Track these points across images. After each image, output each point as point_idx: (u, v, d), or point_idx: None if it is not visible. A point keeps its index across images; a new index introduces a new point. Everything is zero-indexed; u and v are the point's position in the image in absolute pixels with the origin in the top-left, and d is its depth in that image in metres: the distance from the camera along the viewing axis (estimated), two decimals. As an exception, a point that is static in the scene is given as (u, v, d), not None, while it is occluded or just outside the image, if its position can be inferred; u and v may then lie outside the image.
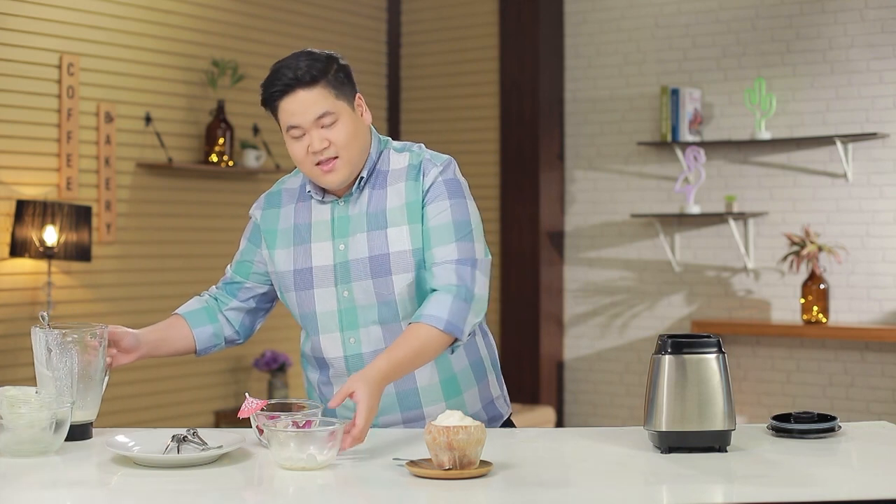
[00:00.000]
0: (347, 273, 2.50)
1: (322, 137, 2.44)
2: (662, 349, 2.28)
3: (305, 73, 2.44)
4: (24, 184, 4.91)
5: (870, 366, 5.45)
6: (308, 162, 2.47)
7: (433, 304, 2.40)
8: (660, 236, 5.95)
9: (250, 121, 5.91)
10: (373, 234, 2.49)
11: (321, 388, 2.62)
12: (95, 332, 2.39)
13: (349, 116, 2.47)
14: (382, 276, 2.48)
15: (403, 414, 2.54)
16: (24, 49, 4.90)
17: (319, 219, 2.55)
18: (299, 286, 2.54)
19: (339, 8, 6.46)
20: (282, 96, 2.46)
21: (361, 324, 2.51)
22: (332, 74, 2.46)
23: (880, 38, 5.40)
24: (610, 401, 6.14)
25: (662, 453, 2.25)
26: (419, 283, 2.49)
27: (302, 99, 2.44)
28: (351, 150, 2.46)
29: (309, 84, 2.44)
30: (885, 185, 5.41)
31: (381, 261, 2.48)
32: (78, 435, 2.36)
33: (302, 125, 2.45)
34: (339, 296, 2.51)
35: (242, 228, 2.77)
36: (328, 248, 2.52)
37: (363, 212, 2.51)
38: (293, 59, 2.48)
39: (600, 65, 6.18)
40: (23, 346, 4.75)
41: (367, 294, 2.49)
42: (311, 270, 2.53)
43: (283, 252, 2.57)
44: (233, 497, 2.02)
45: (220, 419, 5.67)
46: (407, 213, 2.49)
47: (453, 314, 2.39)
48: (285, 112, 2.46)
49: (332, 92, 2.45)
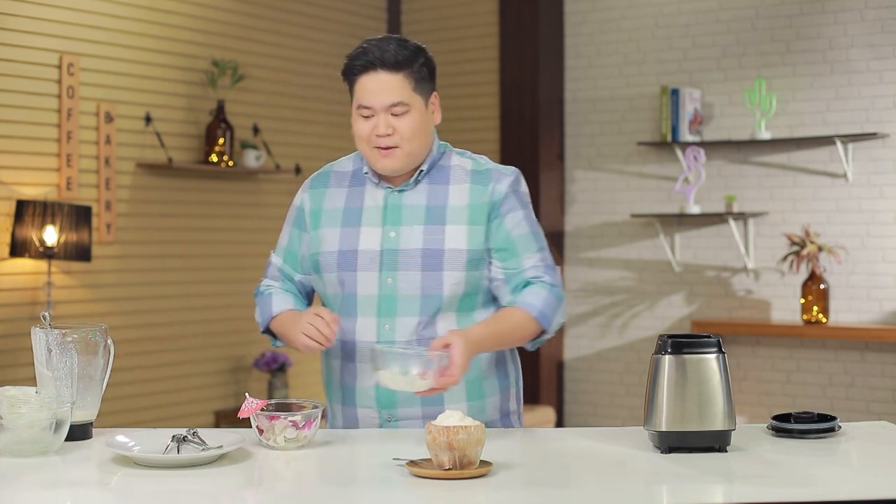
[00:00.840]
0: (395, 261, 2.52)
1: (388, 124, 2.48)
2: (662, 349, 2.28)
3: (392, 57, 2.46)
4: (24, 184, 4.91)
5: (870, 366, 5.45)
6: (369, 143, 2.50)
7: (529, 294, 2.51)
8: (660, 236, 5.95)
9: (250, 121, 5.91)
10: (430, 227, 2.52)
11: (343, 376, 2.59)
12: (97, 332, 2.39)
13: (420, 111, 2.51)
14: (433, 270, 2.51)
15: (424, 409, 2.53)
16: (24, 49, 4.90)
17: (371, 204, 2.57)
18: (342, 266, 2.55)
19: (339, 8, 6.46)
20: (363, 72, 2.48)
21: (399, 313, 2.52)
22: (417, 67, 2.50)
23: (880, 38, 5.40)
24: (610, 401, 6.14)
25: (662, 453, 2.25)
26: (467, 283, 2.52)
27: (381, 81, 2.47)
28: (413, 143, 2.50)
29: (392, 69, 2.47)
30: (885, 185, 5.41)
31: (433, 255, 2.51)
32: (78, 435, 2.36)
33: (373, 107, 2.48)
34: (382, 282, 2.52)
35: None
36: (377, 233, 2.54)
37: (420, 204, 2.54)
38: (384, 41, 2.50)
39: (600, 65, 6.18)
40: (23, 346, 4.75)
41: (412, 285, 2.51)
42: (356, 253, 2.54)
43: (330, 232, 2.58)
44: (233, 497, 2.02)
45: (220, 419, 5.67)
46: (468, 215, 2.53)
47: (547, 306, 2.51)
48: (361, 89, 2.49)
49: (411, 83, 2.49)
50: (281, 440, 2.29)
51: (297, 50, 6.19)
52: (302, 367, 6.15)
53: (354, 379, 2.56)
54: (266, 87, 6.01)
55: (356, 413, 2.56)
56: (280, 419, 2.28)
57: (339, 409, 2.61)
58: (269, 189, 6.03)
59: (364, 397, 2.54)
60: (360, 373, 2.55)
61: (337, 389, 2.61)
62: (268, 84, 6.02)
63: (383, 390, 2.50)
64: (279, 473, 2.15)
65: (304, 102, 6.24)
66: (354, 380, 2.56)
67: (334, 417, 2.66)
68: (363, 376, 2.54)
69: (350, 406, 2.58)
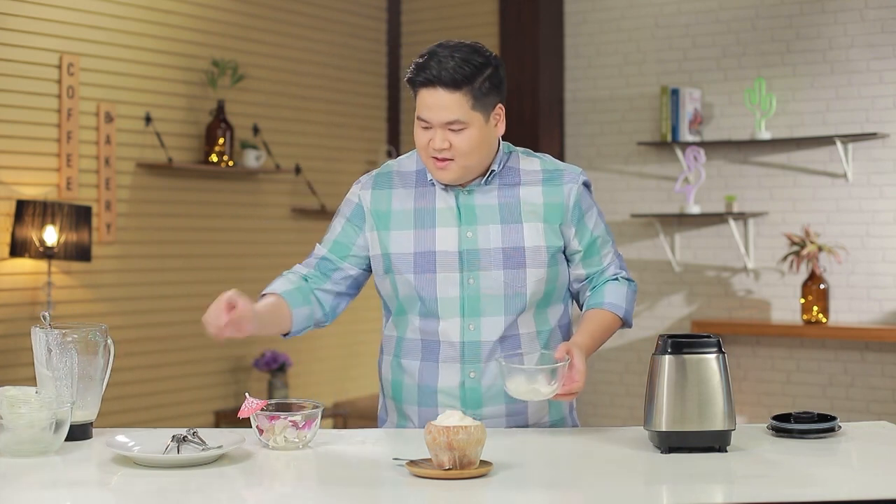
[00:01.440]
0: (476, 261, 2.52)
1: (445, 139, 2.46)
2: (662, 349, 2.28)
3: (451, 74, 2.43)
4: (24, 184, 4.91)
5: (870, 366, 5.45)
6: (426, 152, 2.50)
7: (613, 294, 2.60)
8: (660, 236, 5.95)
9: (250, 121, 5.91)
10: (508, 226, 2.53)
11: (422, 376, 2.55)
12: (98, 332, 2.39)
13: (479, 127, 2.48)
14: (515, 267, 2.52)
15: (507, 406, 2.54)
16: (24, 49, 4.90)
17: (444, 205, 2.55)
18: (419, 269, 2.53)
19: (339, 8, 6.46)
20: (423, 86, 2.46)
21: (484, 312, 2.52)
22: (479, 83, 2.45)
23: (880, 38, 5.40)
24: (610, 401, 6.14)
25: (662, 453, 2.25)
26: (548, 280, 2.55)
27: (439, 98, 2.44)
28: (469, 158, 2.49)
29: (451, 87, 2.43)
30: (885, 185, 5.41)
31: (515, 253, 2.52)
32: (78, 435, 2.36)
33: (431, 122, 2.46)
34: (464, 282, 2.52)
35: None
36: (453, 234, 2.53)
37: (494, 204, 2.54)
38: (449, 52, 2.45)
39: (600, 65, 6.18)
40: (23, 346, 4.75)
41: (495, 284, 2.51)
42: (434, 254, 2.52)
43: (402, 234, 2.55)
44: (233, 497, 2.02)
45: (220, 419, 5.67)
46: (545, 213, 2.55)
47: (629, 303, 2.63)
48: (421, 102, 2.47)
49: (470, 101, 2.45)
50: (281, 440, 2.29)
51: (297, 50, 6.19)
52: (302, 367, 6.15)
53: (435, 379, 2.54)
54: (266, 87, 6.01)
55: (437, 413, 2.51)
56: (280, 419, 2.29)
57: (415, 410, 2.57)
58: (269, 189, 6.03)
59: (447, 397, 2.53)
60: (441, 372, 2.54)
61: (412, 390, 2.57)
62: (268, 84, 6.02)
63: (469, 391, 2.51)
64: (279, 473, 2.15)
65: (304, 102, 6.24)
66: (435, 380, 2.54)
67: (404, 419, 2.61)
68: (445, 375, 2.53)
69: (429, 407, 2.55)
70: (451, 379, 2.53)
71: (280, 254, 5.98)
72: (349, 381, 6.51)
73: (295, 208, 6.15)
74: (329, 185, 6.34)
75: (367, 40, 6.63)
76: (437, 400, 2.53)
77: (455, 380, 2.52)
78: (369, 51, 6.65)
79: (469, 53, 2.45)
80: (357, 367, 6.56)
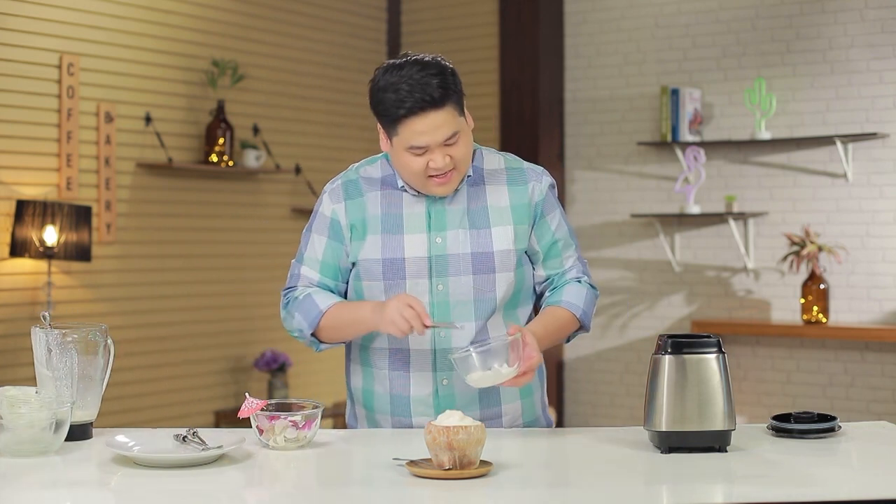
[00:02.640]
0: (445, 266, 2.49)
1: (445, 155, 2.41)
2: (662, 349, 2.28)
3: (437, 92, 2.37)
4: (24, 184, 4.91)
5: (870, 366, 5.45)
6: (423, 175, 2.44)
7: (572, 294, 2.56)
8: (660, 236, 5.95)
9: (250, 121, 5.91)
10: (476, 231, 2.51)
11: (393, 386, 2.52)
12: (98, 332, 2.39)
13: (466, 130, 2.47)
14: (485, 273, 2.50)
15: (482, 411, 2.53)
16: (24, 49, 4.90)
17: (412, 211, 2.51)
18: (388, 276, 2.50)
19: (339, 8, 6.46)
20: (410, 115, 2.38)
21: (454, 318, 2.49)
22: (454, 88, 2.42)
23: (880, 38, 5.40)
24: (610, 401, 6.13)
25: (662, 453, 2.25)
26: (517, 282, 2.54)
27: (432, 120, 2.38)
28: (467, 161, 2.48)
29: (440, 105, 2.39)
30: (885, 185, 5.41)
31: (484, 258, 2.50)
32: (78, 435, 2.36)
33: (429, 145, 2.40)
34: (433, 289, 2.49)
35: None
36: (422, 240, 2.50)
37: (463, 208, 2.51)
38: (421, 76, 2.38)
39: (600, 65, 6.18)
40: (23, 346, 4.75)
41: (464, 289, 2.49)
42: (402, 261, 2.49)
43: (372, 239, 2.51)
44: (233, 497, 2.02)
45: (220, 419, 5.67)
46: (512, 215, 2.53)
47: (587, 305, 2.59)
48: (413, 132, 2.39)
49: (456, 109, 2.42)
50: (281, 440, 2.29)
51: (297, 50, 6.19)
52: (302, 368, 6.15)
53: (408, 388, 2.52)
54: (266, 87, 6.01)
55: (411, 423, 2.51)
56: (280, 419, 2.29)
57: (388, 419, 2.54)
58: (269, 189, 6.03)
59: (421, 405, 2.50)
60: (413, 382, 2.51)
61: (383, 400, 2.54)
62: (268, 84, 6.02)
63: (443, 398, 2.49)
64: (279, 473, 2.16)
65: (304, 102, 6.24)
66: (408, 390, 2.52)
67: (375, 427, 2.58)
68: (417, 385, 2.51)
69: (403, 416, 2.52)
70: (423, 388, 2.51)
71: (280, 254, 5.98)
72: (349, 381, 6.50)
73: (295, 208, 6.14)
74: (329, 185, 6.34)
75: (367, 40, 6.63)
76: (410, 409, 2.51)
77: (428, 388, 2.50)
78: (369, 51, 6.65)
79: (428, 68, 2.39)
80: (357, 367, 6.56)
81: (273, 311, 6.02)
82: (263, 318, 5.94)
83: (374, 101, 2.44)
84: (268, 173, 5.90)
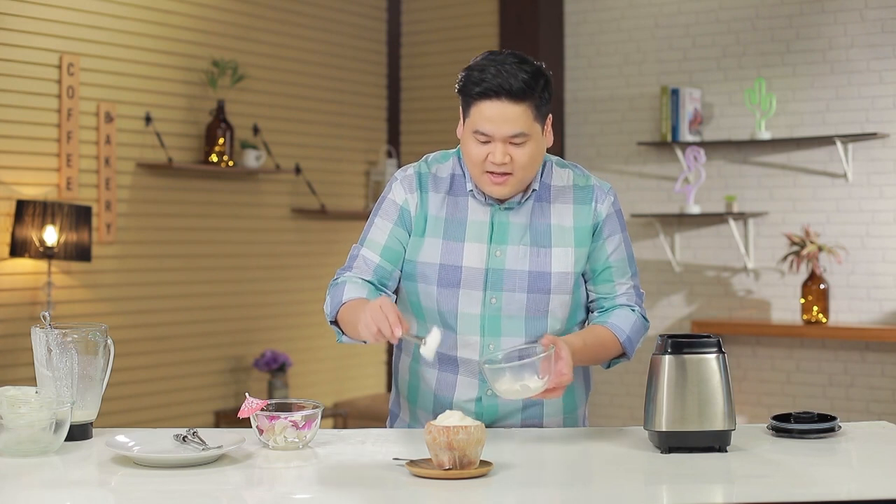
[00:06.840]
0: (500, 281, 2.46)
1: (506, 152, 2.37)
2: (662, 349, 2.28)
3: (518, 85, 2.33)
4: (24, 184, 4.91)
5: (870, 366, 5.45)
6: (481, 167, 2.40)
7: (620, 317, 2.50)
8: (660, 236, 5.95)
9: (250, 121, 5.91)
10: (536, 249, 2.46)
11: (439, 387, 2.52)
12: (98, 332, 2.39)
13: (538, 139, 2.41)
14: (540, 292, 2.46)
15: (523, 419, 2.52)
16: (24, 49, 4.90)
17: (476, 219, 2.48)
18: (443, 282, 2.47)
19: (339, 8, 6.46)
20: (483, 97, 2.35)
21: (504, 333, 2.47)
22: (539, 93, 2.37)
23: (880, 38, 5.40)
24: (610, 401, 6.13)
25: (662, 453, 2.25)
26: (571, 303, 2.50)
27: (503, 110, 2.34)
28: (528, 171, 2.42)
29: (517, 99, 2.34)
30: (885, 185, 5.41)
31: (541, 278, 2.46)
32: (78, 435, 2.36)
33: (492, 135, 2.37)
34: (486, 301, 2.46)
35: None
36: (482, 250, 2.46)
37: (525, 223, 2.47)
38: (511, 65, 2.35)
39: (600, 65, 6.18)
40: (23, 346, 4.75)
41: (517, 306, 2.46)
42: (460, 269, 2.46)
43: (432, 241, 2.48)
44: (233, 497, 2.02)
45: (220, 419, 5.67)
46: (574, 237, 2.48)
47: (634, 332, 2.52)
48: (481, 115, 2.36)
49: (533, 112, 2.37)
50: (281, 440, 2.29)
51: (297, 50, 6.19)
52: (302, 368, 6.15)
53: (452, 391, 2.52)
54: (266, 87, 6.01)
55: None
56: (280, 419, 2.29)
57: (429, 417, 2.51)
58: (269, 189, 6.03)
59: (463, 410, 2.49)
60: (459, 385, 2.51)
61: (427, 398, 2.55)
62: (268, 84, 6.02)
63: (487, 407, 2.49)
64: (279, 473, 2.16)
65: (304, 102, 6.24)
66: (452, 392, 2.52)
67: (416, 422, 2.59)
68: (463, 389, 2.51)
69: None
70: (468, 393, 2.51)
71: (280, 254, 5.99)
72: (349, 381, 6.51)
73: (295, 208, 6.14)
74: (329, 185, 6.34)
75: (367, 40, 6.63)
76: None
77: (472, 394, 2.51)
78: (369, 51, 6.65)
79: (524, 63, 2.37)
80: (357, 367, 6.57)
81: (273, 311, 6.02)
82: (263, 318, 5.94)
83: (460, 78, 2.41)
84: (268, 173, 5.90)
